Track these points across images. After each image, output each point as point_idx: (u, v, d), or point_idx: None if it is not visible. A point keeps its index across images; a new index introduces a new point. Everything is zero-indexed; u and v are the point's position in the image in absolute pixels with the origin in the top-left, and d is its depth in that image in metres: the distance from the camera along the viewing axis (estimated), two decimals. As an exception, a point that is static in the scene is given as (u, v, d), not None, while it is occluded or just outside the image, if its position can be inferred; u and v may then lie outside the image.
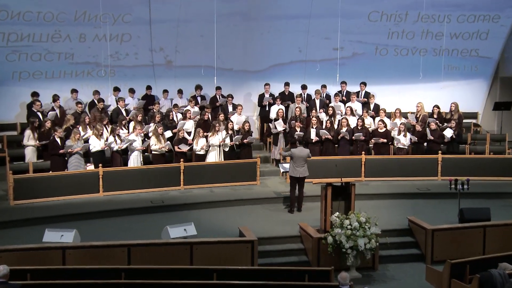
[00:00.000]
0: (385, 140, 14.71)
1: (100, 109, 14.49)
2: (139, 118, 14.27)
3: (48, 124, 13.50)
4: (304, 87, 16.47)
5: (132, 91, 15.67)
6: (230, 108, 15.79)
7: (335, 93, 16.42)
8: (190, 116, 14.94)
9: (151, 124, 14.37)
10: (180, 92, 16.05)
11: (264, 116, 16.30)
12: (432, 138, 14.68)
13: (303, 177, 12.17)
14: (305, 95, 16.43)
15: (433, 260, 10.59)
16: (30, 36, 15.30)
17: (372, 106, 16.17)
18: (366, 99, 16.41)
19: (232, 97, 15.91)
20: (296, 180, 12.18)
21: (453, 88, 17.77)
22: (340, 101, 16.18)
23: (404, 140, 14.71)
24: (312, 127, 14.69)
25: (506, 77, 18.09)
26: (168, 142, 13.87)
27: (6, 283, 7.18)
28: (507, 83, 18.16)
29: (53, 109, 14.46)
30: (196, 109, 15.46)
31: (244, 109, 16.08)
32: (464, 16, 17.26)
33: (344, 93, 16.56)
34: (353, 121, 15.17)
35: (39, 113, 14.16)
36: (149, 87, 15.96)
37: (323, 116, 15.45)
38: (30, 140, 13.38)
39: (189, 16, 16.17)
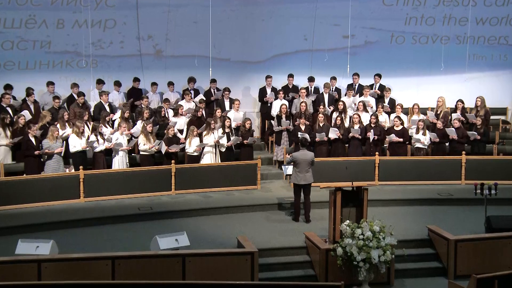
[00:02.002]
0: (401, 139, 14.68)
1: (80, 104, 14.47)
2: (126, 114, 14.27)
3: (21, 121, 13.49)
4: (311, 79, 16.46)
5: (118, 84, 15.66)
6: (227, 104, 15.78)
7: (348, 85, 16.39)
8: (182, 112, 14.93)
9: (139, 122, 14.35)
10: (171, 84, 16.04)
11: (265, 113, 16.28)
12: (455, 137, 14.66)
13: (308, 184, 12.13)
14: (312, 88, 16.42)
15: (456, 275, 10.57)
16: (1, 21, 15.28)
17: (387, 100, 16.15)
18: (379, 92, 16.38)
19: (229, 91, 15.90)
20: (300, 187, 12.15)
21: (479, 80, 17.74)
22: (352, 95, 16.17)
23: (423, 139, 14.70)
24: (320, 125, 14.71)
25: (539, 68, 18.10)
26: (162, 141, 13.84)
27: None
28: (540, 75, 18.16)
29: (26, 105, 14.43)
30: (193, 104, 15.46)
31: (243, 105, 16.08)
32: (492, -2, 17.29)
33: (357, 87, 16.54)
34: (365, 118, 15.16)
35: (9, 108, 14.11)
36: (136, 80, 15.94)
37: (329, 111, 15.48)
38: (1, 139, 13.35)
39: (182, 0, 16.15)
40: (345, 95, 16.18)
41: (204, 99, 15.60)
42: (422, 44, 17.58)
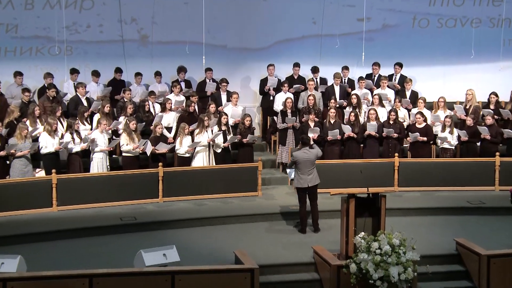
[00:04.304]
0: (425, 139, 14.68)
1: (51, 98, 14.46)
2: (107, 109, 14.26)
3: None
4: (315, 70, 16.44)
5: (96, 74, 15.64)
6: (224, 97, 15.78)
7: (360, 77, 16.40)
8: (171, 107, 14.93)
9: (121, 118, 14.35)
10: (158, 75, 16.03)
11: (267, 107, 16.29)
12: (487, 136, 14.65)
13: (313, 186, 12.13)
14: (318, 80, 16.41)
15: (489, 295, 10.59)
16: (-40, 2, 15.35)
17: (408, 94, 16.14)
18: (399, 87, 16.34)
19: (227, 82, 15.90)
20: (305, 191, 12.16)
21: (515, 70, 17.79)
22: (368, 88, 16.15)
23: (450, 138, 14.69)
24: (331, 121, 14.70)
25: None
26: (148, 141, 13.84)
27: None
28: None
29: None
30: (182, 97, 15.45)
31: (242, 98, 16.07)
32: (531, -27, 17.31)
33: (376, 78, 16.53)
34: (383, 114, 15.15)
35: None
36: (118, 70, 15.94)
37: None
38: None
39: (170, -23, 16.27)
40: (358, 87, 16.16)
41: (191, 91, 15.60)
42: (449, 28, 17.59)
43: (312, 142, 12.50)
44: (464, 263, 11.10)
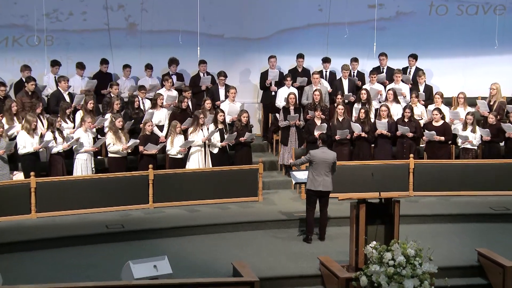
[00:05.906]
0: (442, 138, 14.67)
1: (30, 92, 14.45)
2: (90, 105, 14.24)
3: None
4: (326, 60, 16.44)
5: (80, 66, 15.64)
6: (221, 93, 15.77)
7: (371, 70, 16.39)
8: (162, 103, 14.92)
9: (107, 115, 14.34)
10: (148, 68, 16.03)
11: (268, 104, 16.29)
12: (512, 134, 14.69)
13: (326, 191, 12.13)
14: (328, 72, 16.40)
15: (514, 311, 10.58)
16: None
17: (422, 88, 16.13)
18: (412, 83, 16.31)
19: (225, 76, 15.89)
20: (317, 195, 12.16)
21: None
22: (380, 82, 16.14)
23: (472, 138, 14.67)
24: (339, 119, 14.70)
25: None
26: (137, 140, 13.83)
27: None
28: None
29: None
30: (174, 93, 15.45)
31: (240, 93, 16.07)
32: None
33: (385, 70, 16.52)
34: (397, 110, 15.13)
35: None
36: (104, 61, 15.95)
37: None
38: None
39: (162, -41, 16.29)
40: (369, 82, 16.14)
41: (183, 85, 15.59)
42: (470, 15, 17.60)
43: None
44: (486, 276, 11.09)
